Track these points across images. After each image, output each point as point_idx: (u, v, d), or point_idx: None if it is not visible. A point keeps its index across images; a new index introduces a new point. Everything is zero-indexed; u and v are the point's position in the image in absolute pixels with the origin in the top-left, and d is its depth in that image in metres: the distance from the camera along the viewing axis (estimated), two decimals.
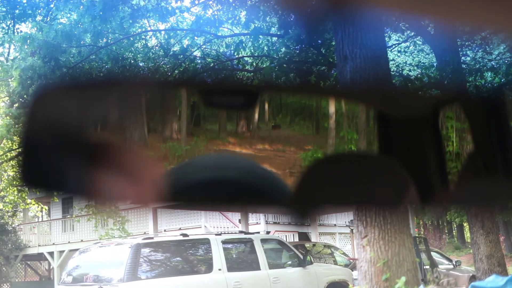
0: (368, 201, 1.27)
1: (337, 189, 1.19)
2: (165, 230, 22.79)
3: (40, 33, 16.21)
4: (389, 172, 1.21)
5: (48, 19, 20.11)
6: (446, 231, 50.94)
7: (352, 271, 15.00)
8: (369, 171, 1.21)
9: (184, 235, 11.90)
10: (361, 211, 10.59)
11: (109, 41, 17.13)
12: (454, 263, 18.67)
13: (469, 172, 1.26)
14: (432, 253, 16.82)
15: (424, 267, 14.33)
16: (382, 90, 1.24)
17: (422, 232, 43.01)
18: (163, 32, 18.48)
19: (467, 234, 43.62)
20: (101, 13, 15.82)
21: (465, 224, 42.92)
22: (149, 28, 18.65)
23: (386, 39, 14.31)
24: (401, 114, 1.21)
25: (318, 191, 1.18)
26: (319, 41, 16.51)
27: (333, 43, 16.61)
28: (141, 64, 18.46)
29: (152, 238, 11.65)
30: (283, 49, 17.38)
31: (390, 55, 18.25)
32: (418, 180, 1.17)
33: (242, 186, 1.16)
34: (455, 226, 49.24)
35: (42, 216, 38.08)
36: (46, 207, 33.41)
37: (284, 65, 16.45)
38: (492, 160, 1.22)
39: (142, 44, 17.97)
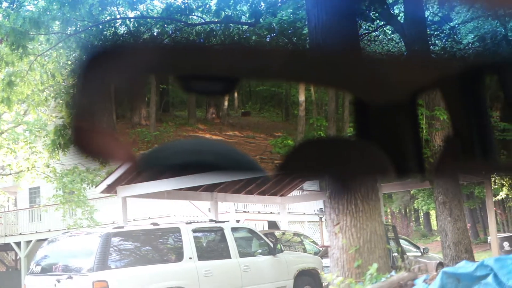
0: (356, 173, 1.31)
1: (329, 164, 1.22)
2: (134, 219, 22.67)
3: (7, 20, 15.94)
4: (369, 153, 1.23)
5: (15, 6, 19.79)
6: (413, 219, 51.57)
7: (322, 259, 15.10)
8: (350, 152, 1.24)
9: (155, 224, 11.86)
10: (334, 199, 10.66)
11: (78, 28, 16.93)
12: (422, 250, 18.93)
13: (445, 155, 1.28)
14: (400, 241, 17.01)
15: (393, 254, 14.49)
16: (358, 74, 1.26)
17: (390, 220, 43.48)
18: (132, 20, 18.33)
19: (434, 222, 44.26)
20: (70, 0, 15.61)
21: (431, 212, 43.51)
22: (118, 16, 18.47)
23: None
24: (379, 100, 1.22)
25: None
26: (290, 30, 16.52)
27: (304, 31, 16.65)
28: None
29: (122, 227, 11.58)
30: (254, 38, 17.36)
31: (360, 44, 18.32)
32: (396, 160, 1.20)
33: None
34: (422, 214, 49.86)
35: (8, 206, 37.62)
36: (13, 197, 33.02)
37: None
38: (470, 142, 1.23)
39: (112, 32, 17.79)
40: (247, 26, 18.09)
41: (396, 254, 15.28)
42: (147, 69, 1.17)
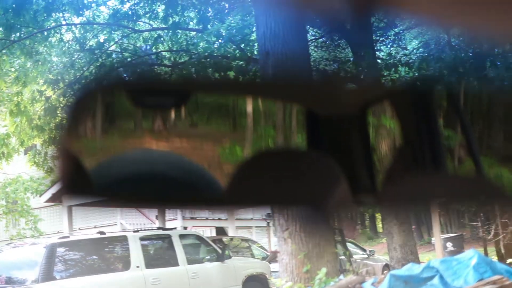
0: (295, 200, 1.26)
1: (262, 188, 1.18)
2: (79, 229, 22.32)
3: None
4: (317, 170, 1.20)
5: None
6: (359, 221, 52.19)
7: (270, 263, 15.15)
8: (297, 169, 1.20)
9: (101, 232, 11.73)
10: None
11: (22, 35, 16.58)
12: (368, 253, 19.17)
13: (395, 170, 1.26)
14: (347, 244, 17.18)
15: (340, 257, 14.63)
16: (309, 86, 1.24)
17: (337, 223, 43.85)
18: (78, 26, 18.05)
19: (379, 225, 44.89)
20: (13, 5, 15.29)
21: (377, 215, 44.11)
22: (64, 22, 18.16)
23: None
24: (330, 111, 1.21)
25: (247, 191, 1.17)
26: (238, 36, 16.54)
27: (252, 38, 16.69)
28: (55, 59, 17.99)
29: (68, 237, 11.43)
30: (201, 44, 17.31)
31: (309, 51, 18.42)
32: (347, 178, 1.17)
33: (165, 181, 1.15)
34: (367, 217, 50.50)
35: None
36: None
37: (203, 60, 16.39)
38: (421, 156, 1.23)
39: (57, 38, 17.49)
40: (195, 32, 18.02)
41: (343, 257, 15.43)
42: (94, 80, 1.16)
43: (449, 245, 20.53)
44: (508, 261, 15.35)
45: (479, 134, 1.30)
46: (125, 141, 1.20)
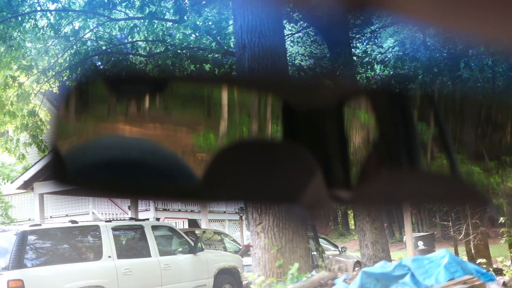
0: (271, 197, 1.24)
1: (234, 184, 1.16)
2: (51, 217, 22.12)
3: None
4: (293, 163, 1.18)
5: None
6: (331, 218, 52.47)
7: (242, 257, 15.18)
8: (272, 162, 1.19)
9: (73, 221, 11.64)
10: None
11: None
12: (340, 249, 19.29)
13: (370, 167, 1.24)
14: (320, 240, 17.29)
15: (313, 253, 14.71)
16: (286, 81, 1.23)
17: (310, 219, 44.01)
18: (54, 13, 17.85)
19: (351, 221, 45.19)
20: None
21: (349, 212, 44.39)
22: (38, 8, 17.95)
23: None
24: (305, 104, 1.19)
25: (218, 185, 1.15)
26: (215, 29, 16.51)
27: (228, 31, 16.67)
28: (29, 45, 17.79)
29: (39, 225, 11.33)
30: (178, 35, 17.24)
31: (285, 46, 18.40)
32: (323, 172, 1.15)
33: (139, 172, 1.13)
34: (339, 213, 50.81)
35: None
36: None
37: (179, 52, 16.34)
38: (397, 155, 1.23)
39: (32, 24, 17.28)
40: (171, 23, 17.94)
41: (315, 252, 15.52)
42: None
43: (420, 243, 20.73)
44: (478, 261, 15.58)
45: (452, 131, 1.31)
46: (98, 128, 1.18)
